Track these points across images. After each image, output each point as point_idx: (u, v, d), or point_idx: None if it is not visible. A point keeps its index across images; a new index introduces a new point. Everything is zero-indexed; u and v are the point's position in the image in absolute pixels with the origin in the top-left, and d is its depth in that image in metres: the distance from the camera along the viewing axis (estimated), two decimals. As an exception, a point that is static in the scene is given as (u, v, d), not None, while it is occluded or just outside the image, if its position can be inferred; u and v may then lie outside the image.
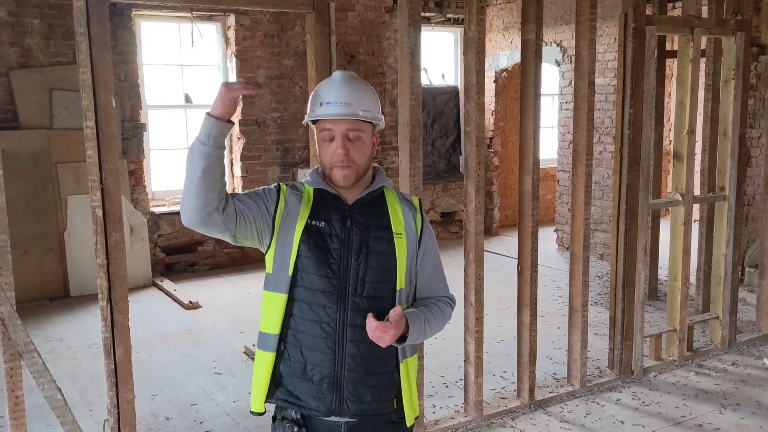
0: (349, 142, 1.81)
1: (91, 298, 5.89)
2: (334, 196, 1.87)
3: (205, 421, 3.85)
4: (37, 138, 6.04)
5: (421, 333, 1.84)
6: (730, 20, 4.54)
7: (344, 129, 1.80)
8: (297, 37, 7.38)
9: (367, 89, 1.87)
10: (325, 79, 1.91)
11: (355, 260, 1.82)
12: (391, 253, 1.85)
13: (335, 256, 1.82)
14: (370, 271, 1.82)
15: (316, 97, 1.85)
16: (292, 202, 1.86)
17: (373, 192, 1.89)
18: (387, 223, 1.88)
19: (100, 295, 2.91)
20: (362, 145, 1.83)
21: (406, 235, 1.88)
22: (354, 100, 1.81)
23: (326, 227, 1.83)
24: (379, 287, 1.83)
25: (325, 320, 1.81)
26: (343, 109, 1.79)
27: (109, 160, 2.87)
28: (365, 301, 1.81)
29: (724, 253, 4.71)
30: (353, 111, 1.80)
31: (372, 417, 1.86)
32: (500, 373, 4.41)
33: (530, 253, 3.86)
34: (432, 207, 8.60)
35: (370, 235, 1.85)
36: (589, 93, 3.93)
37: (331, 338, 1.80)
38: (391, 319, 1.74)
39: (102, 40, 2.81)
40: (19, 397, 2.78)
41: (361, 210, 1.87)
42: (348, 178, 1.82)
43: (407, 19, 3.31)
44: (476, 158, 3.58)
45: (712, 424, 3.73)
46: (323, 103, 1.82)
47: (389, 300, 1.84)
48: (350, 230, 1.84)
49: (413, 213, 1.92)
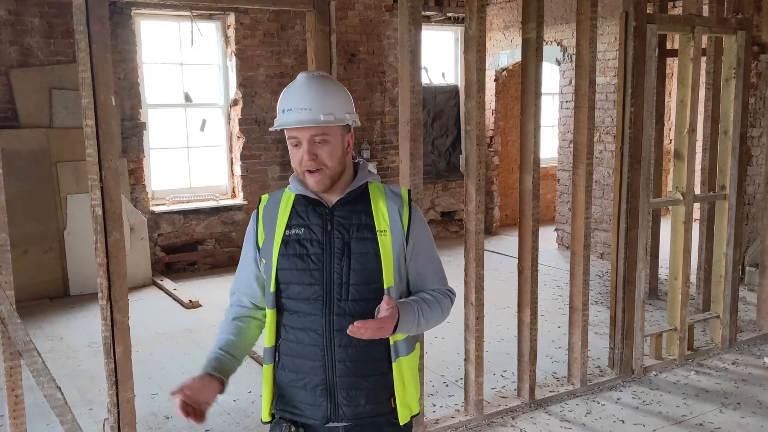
0: (317, 146, 1.75)
1: (90, 298, 5.89)
2: (315, 201, 1.83)
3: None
4: (37, 137, 6.04)
5: (415, 325, 1.77)
6: (730, 19, 4.53)
7: (309, 135, 1.74)
8: (297, 36, 7.37)
9: (331, 90, 1.80)
10: (290, 83, 1.84)
11: (338, 264, 1.78)
12: (375, 253, 1.79)
13: (316, 262, 1.79)
14: (353, 274, 1.78)
15: (280, 103, 1.81)
16: (268, 219, 1.85)
17: (354, 191, 1.84)
18: (370, 221, 1.81)
19: (100, 293, 2.91)
20: (331, 147, 1.76)
21: (390, 232, 1.81)
22: (315, 104, 1.74)
23: (306, 233, 1.80)
24: (363, 289, 1.79)
25: (311, 328, 1.79)
26: (303, 115, 1.74)
27: (109, 159, 2.86)
28: (351, 304, 1.78)
29: (724, 252, 4.70)
30: (314, 117, 1.73)
31: (368, 419, 1.84)
32: (500, 372, 4.41)
33: (531, 251, 3.85)
34: (432, 206, 8.59)
35: (352, 236, 1.80)
36: (590, 91, 3.93)
37: (320, 345, 1.79)
38: (387, 312, 1.68)
39: (102, 38, 2.81)
40: (18, 395, 2.77)
41: (342, 211, 1.82)
42: (321, 183, 1.78)
43: (408, 17, 3.31)
44: (477, 157, 3.58)
45: (712, 424, 3.72)
46: (285, 110, 1.77)
47: (376, 301, 1.75)
48: (331, 234, 1.80)
49: (399, 206, 1.84)
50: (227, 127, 7.41)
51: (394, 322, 1.70)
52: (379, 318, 1.68)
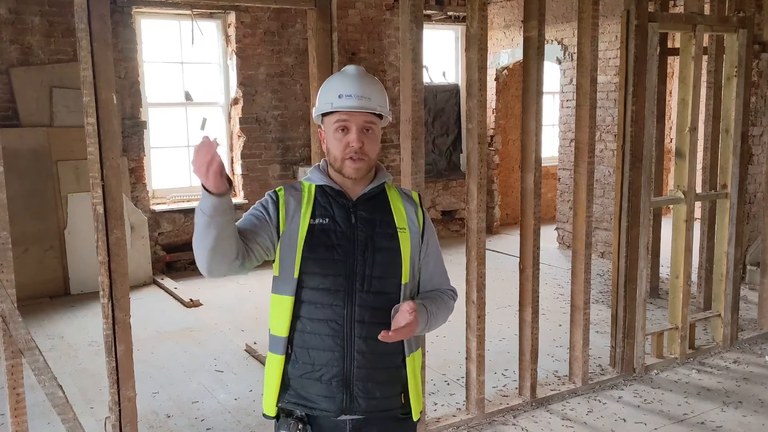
0: (364, 135, 1.82)
1: (91, 297, 5.89)
2: (338, 192, 1.86)
3: (206, 418, 3.84)
4: (38, 136, 6.03)
5: (427, 325, 1.85)
6: (732, 17, 4.53)
7: (362, 122, 1.81)
8: (298, 35, 7.37)
9: (379, 85, 1.89)
10: (339, 72, 1.91)
11: (361, 256, 1.82)
12: (396, 249, 1.85)
13: (341, 253, 1.81)
14: (376, 267, 1.82)
15: (333, 89, 1.84)
16: (293, 204, 1.85)
17: (376, 188, 1.89)
18: (390, 218, 1.88)
19: (102, 292, 2.90)
20: (375, 138, 1.85)
21: (409, 230, 1.89)
22: (372, 94, 1.83)
23: (330, 224, 1.83)
24: (385, 282, 1.84)
25: (332, 318, 1.80)
26: (364, 102, 1.81)
27: (110, 157, 2.86)
28: (372, 296, 1.82)
29: (725, 250, 4.70)
30: (373, 105, 1.82)
31: (379, 413, 1.86)
32: (502, 370, 4.41)
33: (532, 250, 3.85)
34: (433, 205, 8.59)
35: (375, 230, 1.85)
36: (592, 90, 3.92)
37: (339, 336, 1.80)
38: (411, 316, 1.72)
39: (103, 36, 2.80)
40: (20, 394, 2.77)
41: (366, 206, 1.87)
42: (360, 171, 1.83)
43: (409, 15, 3.30)
44: (478, 155, 3.57)
45: (714, 422, 3.72)
46: (342, 95, 1.81)
47: (395, 295, 1.85)
48: (355, 226, 1.84)
49: (414, 208, 1.93)
50: (228, 126, 7.41)
51: (417, 326, 1.76)
52: (408, 324, 1.73)
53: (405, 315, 1.73)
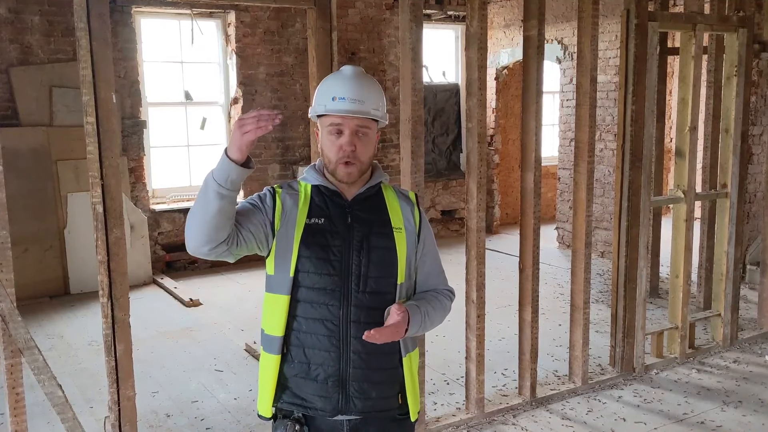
0: (357, 139, 1.80)
1: (90, 296, 5.88)
2: (334, 192, 1.86)
3: (206, 418, 3.84)
4: (37, 135, 6.03)
5: (421, 326, 1.84)
6: (732, 17, 4.53)
7: (354, 125, 1.80)
8: (297, 34, 7.36)
9: (376, 87, 1.87)
10: (335, 72, 1.89)
11: (357, 256, 1.81)
12: (392, 248, 1.85)
13: (336, 253, 1.81)
14: (372, 267, 1.82)
15: (327, 90, 1.83)
16: (289, 203, 1.85)
17: (372, 188, 1.89)
18: (386, 218, 1.88)
19: (101, 291, 2.90)
20: (369, 142, 1.84)
21: (405, 230, 1.88)
22: (366, 97, 1.81)
23: (326, 224, 1.83)
24: (381, 282, 1.83)
25: (328, 318, 1.80)
26: (356, 105, 1.79)
27: (109, 156, 2.85)
28: (368, 296, 1.81)
29: (725, 250, 4.70)
30: (366, 109, 1.80)
31: (376, 414, 1.86)
32: (501, 370, 4.40)
33: (532, 250, 3.85)
34: (432, 205, 8.59)
35: (372, 230, 1.84)
36: (592, 89, 3.92)
37: (335, 336, 1.80)
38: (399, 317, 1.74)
39: (102, 35, 2.80)
40: (19, 393, 2.77)
41: (362, 206, 1.86)
42: (352, 175, 1.82)
43: (409, 15, 3.30)
44: (478, 154, 3.57)
45: (714, 422, 3.72)
46: (336, 98, 1.79)
47: (391, 294, 1.84)
48: (351, 226, 1.83)
49: (411, 208, 1.93)
50: (227, 125, 7.41)
51: (405, 326, 1.76)
52: (393, 324, 1.73)
53: (393, 316, 1.74)
